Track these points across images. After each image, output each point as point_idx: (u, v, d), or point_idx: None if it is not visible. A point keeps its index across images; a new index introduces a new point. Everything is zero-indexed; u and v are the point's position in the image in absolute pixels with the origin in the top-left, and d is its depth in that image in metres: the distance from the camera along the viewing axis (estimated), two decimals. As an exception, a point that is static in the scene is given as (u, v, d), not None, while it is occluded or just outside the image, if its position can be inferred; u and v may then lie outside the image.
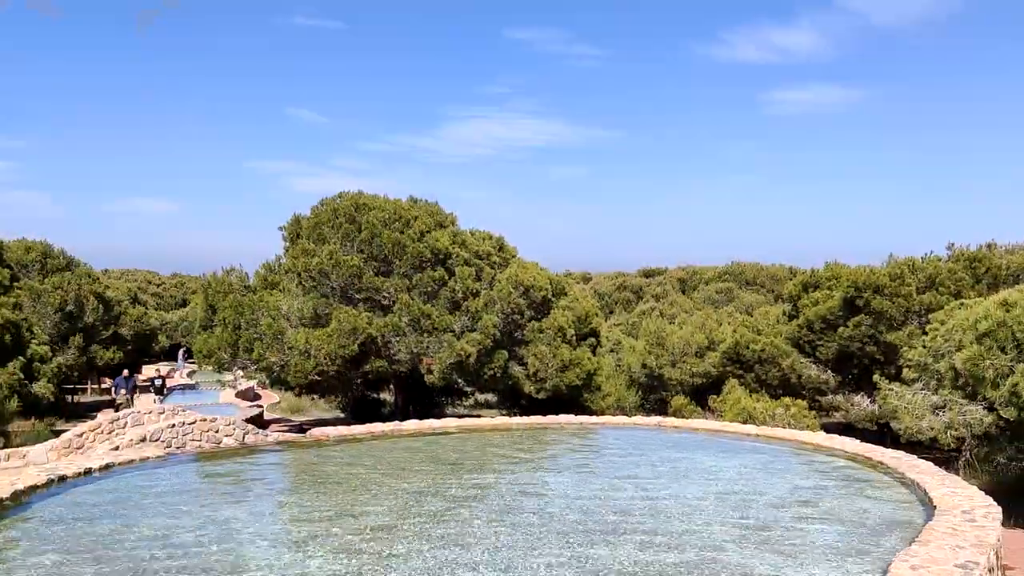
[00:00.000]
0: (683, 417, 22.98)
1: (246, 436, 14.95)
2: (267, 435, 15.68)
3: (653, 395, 32.87)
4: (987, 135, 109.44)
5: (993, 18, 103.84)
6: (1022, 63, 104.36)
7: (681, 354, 31.96)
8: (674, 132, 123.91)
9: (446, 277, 22.53)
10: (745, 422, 19.48)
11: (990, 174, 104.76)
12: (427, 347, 21.79)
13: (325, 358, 20.76)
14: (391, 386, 27.65)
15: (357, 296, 22.20)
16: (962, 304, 18.41)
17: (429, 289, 22.21)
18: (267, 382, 23.47)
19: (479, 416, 22.09)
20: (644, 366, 32.65)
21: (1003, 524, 10.09)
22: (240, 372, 24.64)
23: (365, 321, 21.14)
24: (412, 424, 17.01)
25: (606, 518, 9.98)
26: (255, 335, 21.49)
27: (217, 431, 14.65)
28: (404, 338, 21.72)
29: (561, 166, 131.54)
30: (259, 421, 24.06)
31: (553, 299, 24.53)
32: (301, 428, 22.52)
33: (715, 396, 26.56)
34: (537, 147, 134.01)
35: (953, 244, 25.28)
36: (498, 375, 22.73)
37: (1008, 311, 12.12)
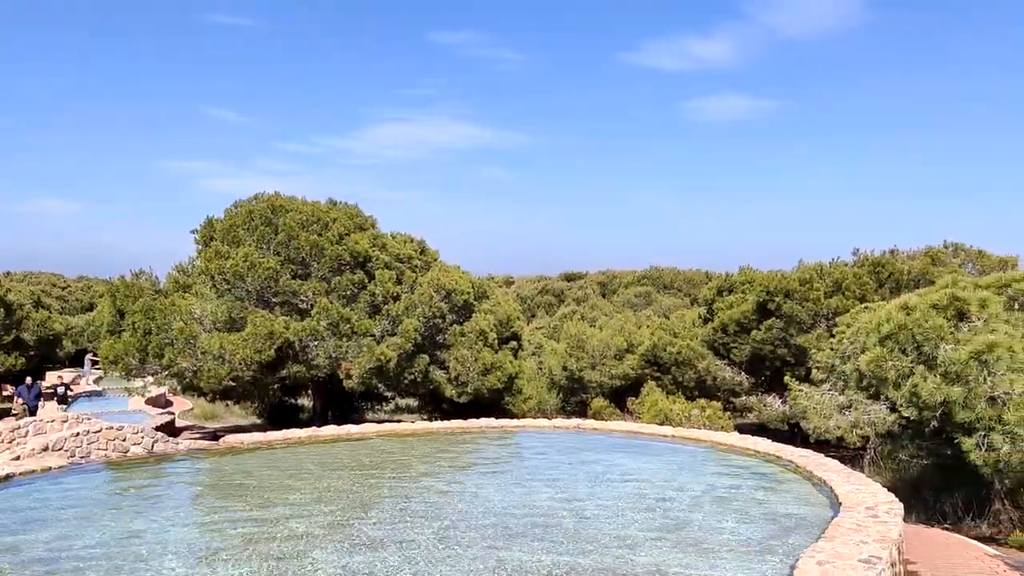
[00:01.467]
0: (602, 419, 23.24)
1: (155, 444, 14.46)
2: (178, 443, 15.20)
3: (574, 397, 33.19)
4: (890, 143, 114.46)
5: (894, 32, 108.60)
6: (921, 74, 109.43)
7: (601, 357, 32.38)
8: (595, 137, 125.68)
9: (366, 280, 22.26)
10: (662, 423, 19.83)
11: (893, 182, 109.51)
12: (346, 351, 21.48)
13: (240, 363, 20.25)
14: (309, 391, 27.16)
15: (274, 299, 21.74)
16: (866, 308, 19.16)
17: (348, 292, 21.91)
18: (178, 388, 22.72)
19: (400, 421, 21.88)
20: (565, 369, 32.96)
21: (904, 519, 10.52)
22: (150, 378, 23.78)
23: (282, 325, 20.71)
24: (330, 430, 16.74)
25: (524, 521, 10.00)
26: (166, 340, 20.80)
27: (124, 439, 14.12)
28: (323, 342, 21.36)
29: (485, 169, 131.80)
30: (170, 429, 23.28)
31: (475, 303, 24.51)
32: (215, 435, 21.89)
33: (633, 398, 26.98)
34: (461, 150, 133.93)
35: (858, 250, 26.32)
36: (419, 379, 22.57)
37: (908, 314, 12.65)
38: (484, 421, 18.21)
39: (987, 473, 12.47)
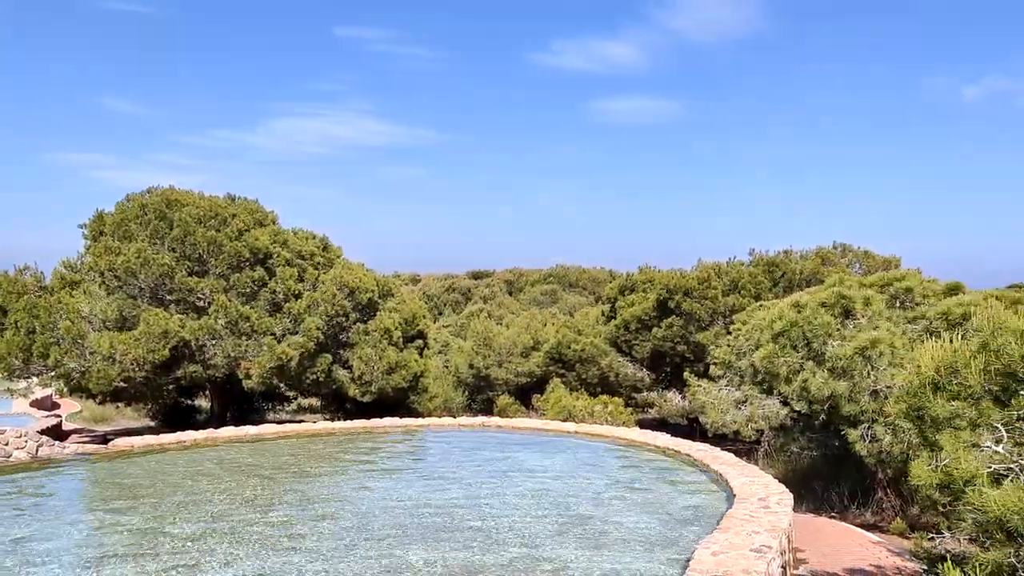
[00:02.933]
0: (508, 416, 23.35)
1: (40, 448, 13.73)
2: (65, 447, 14.47)
3: (480, 395, 33.24)
4: (787, 148, 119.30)
5: (796, 41, 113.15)
6: (822, 81, 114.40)
7: (507, 354, 32.53)
8: (504, 136, 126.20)
9: (266, 278, 21.71)
10: (566, 420, 20.06)
11: (788, 184, 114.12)
12: (246, 351, 20.90)
13: (132, 363, 19.43)
14: (207, 392, 26.32)
15: (169, 297, 20.95)
16: (761, 306, 19.87)
17: (248, 290, 21.31)
18: (65, 390, 21.63)
19: (302, 422, 21.43)
20: (471, 367, 32.97)
21: (795, 509, 10.95)
22: (35, 380, 22.57)
23: (177, 324, 19.98)
24: (227, 431, 16.26)
25: (427, 520, 9.94)
26: (51, 339, 19.77)
27: (7, 444, 13.37)
28: (220, 341, 20.72)
29: (392, 167, 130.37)
30: (56, 432, 22.18)
31: (380, 301, 24.22)
32: (104, 439, 20.95)
33: (539, 395, 27.21)
34: (368, 146, 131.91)
35: (754, 250, 27.27)
36: (322, 379, 22.16)
37: (799, 312, 13.17)
38: (388, 421, 18.03)
39: (871, 463, 13.11)
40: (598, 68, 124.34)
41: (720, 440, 18.94)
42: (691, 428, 24.21)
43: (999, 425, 6.09)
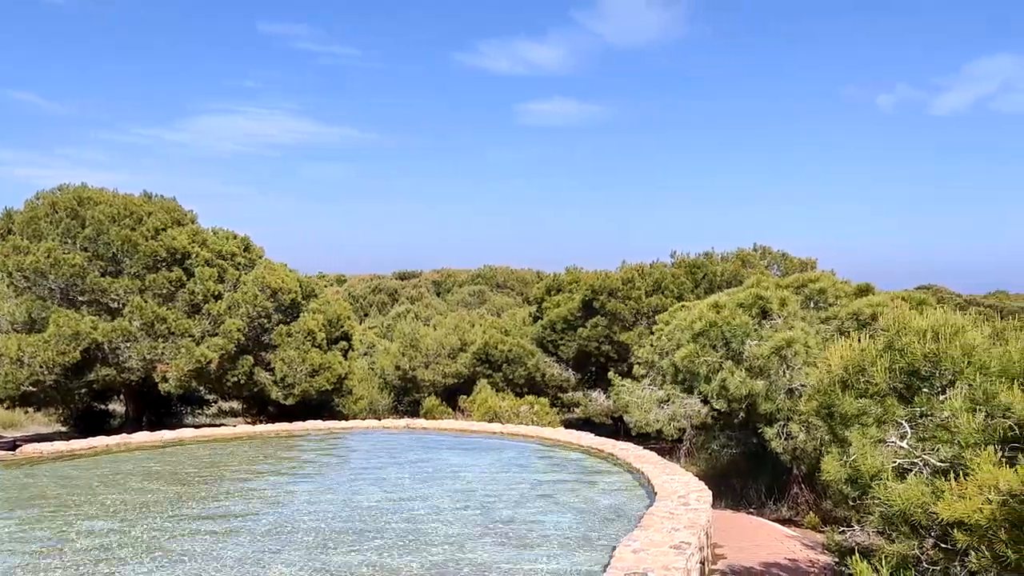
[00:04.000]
0: (434, 418, 23.23)
1: (-62, 458, 13.07)
2: (-35, 456, 13.81)
3: (407, 397, 32.95)
4: (709, 152, 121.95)
5: (719, 46, 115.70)
6: (737, 85, 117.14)
7: (435, 355, 32.33)
8: (431, 137, 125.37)
9: (184, 278, 21.11)
10: (492, 421, 20.08)
11: (710, 187, 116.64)
12: (162, 353, 20.28)
13: (41, 367, 18.65)
14: (121, 396, 25.45)
15: (81, 298, 20.19)
16: (683, 306, 20.23)
17: (165, 291, 20.69)
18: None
19: (222, 425, 20.92)
20: (398, 368, 32.65)
21: (714, 506, 11.19)
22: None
23: (89, 325, 19.27)
24: (142, 436, 15.76)
25: (350, 524, 9.82)
26: (-47, 342, 18.83)
27: (-101, 454, 12.68)
28: (136, 344, 20.06)
29: (317, 165, 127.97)
30: (-41, 440, 21.13)
31: (303, 302, 23.82)
32: (13, 444, 20.03)
33: (466, 396, 27.13)
34: (292, 145, 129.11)
35: (676, 252, 27.77)
36: (243, 381, 21.67)
37: (718, 312, 13.47)
38: (310, 423, 17.76)
39: (787, 460, 13.50)
40: (525, 70, 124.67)
41: (644, 439, 19.21)
42: (616, 427, 24.50)
43: (903, 421, 6.34)
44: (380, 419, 21.51)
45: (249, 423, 22.68)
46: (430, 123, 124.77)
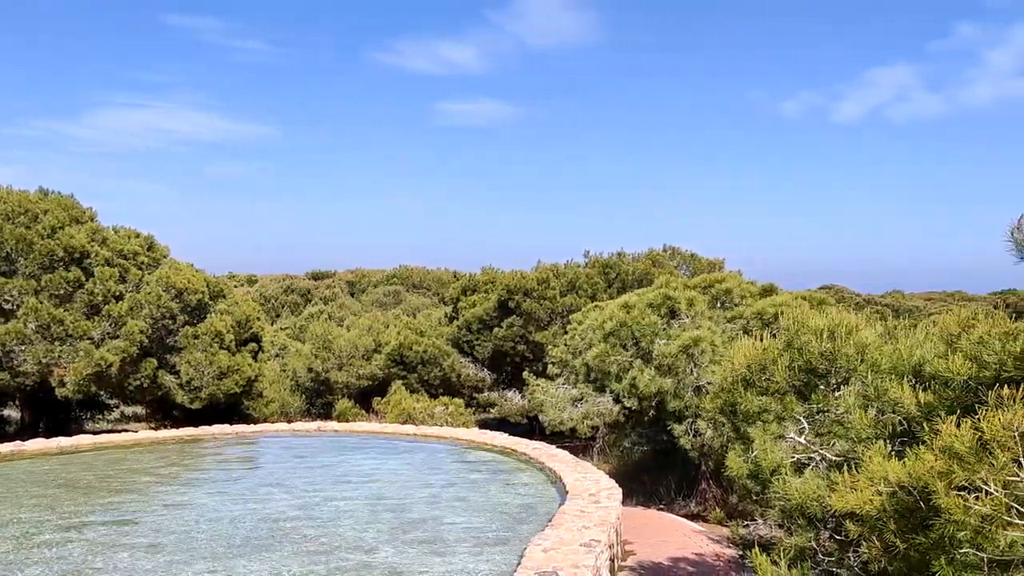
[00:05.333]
0: (347, 421, 22.90)
1: None
2: None
3: (320, 399, 32.39)
4: (622, 154, 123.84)
5: (631, 51, 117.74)
6: (654, 91, 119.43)
7: (348, 357, 31.88)
8: (345, 135, 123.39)
9: (83, 278, 20.21)
10: (405, 422, 19.91)
11: (624, 188, 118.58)
12: (59, 356, 19.38)
13: (-76, 373, 17.60)
14: (16, 402, 24.22)
15: (-31, 299, 19.12)
16: (596, 306, 20.48)
17: (62, 291, 19.77)
18: None
19: (124, 431, 20.12)
20: (310, 370, 32.07)
21: (625, 503, 11.35)
22: None
23: (-21, 328, 18.26)
24: (37, 443, 15.01)
25: (257, 530, 9.57)
26: None
27: None
28: (31, 347, 19.10)
29: (227, 163, 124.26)
30: None
31: (211, 302, 23.13)
32: None
33: (380, 398, 26.84)
34: (201, 141, 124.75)
35: (589, 252, 28.14)
36: (146, 385, 20.89)
37: (628, 312, 13.69)
38: (217, 428, 17.25)
39: (695, 457, 13.81)
40: (441, 69, 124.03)
41: (558, 437, 19.37)
42: (531, 427, 24.65)
43: (802, 417, 6.54)
44: (291, 422, 21.07)
45: (153, 428, 21.91)
46: (345, 121, 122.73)
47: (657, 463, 16.65)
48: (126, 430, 21.84)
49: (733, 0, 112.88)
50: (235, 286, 44.25)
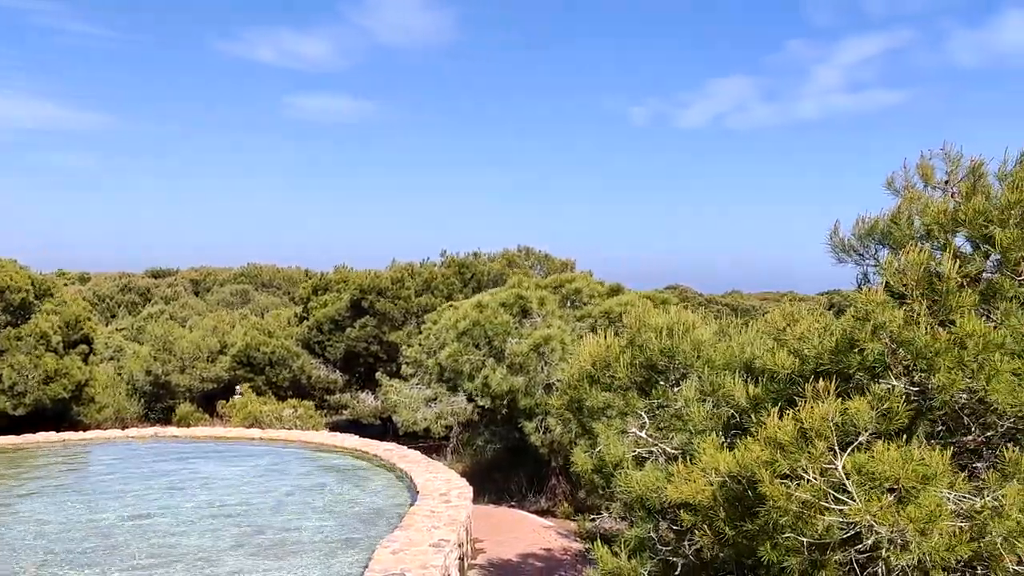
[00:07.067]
0: (189, 425, 21.84)
1: None
2: None
3: (160, 404, 30.74)
4: (475, 153, 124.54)
5: (485, 52, 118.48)
6: (507, 93, 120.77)
7: (191, 359, 30.42)
8: (188, 126, 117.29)
9: None
10: (251, 426, 19.21)
11: (479, 189, 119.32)
12: None
13: None
14: None
15: None
16: (451, 306, 20.49)
17: None
18: None
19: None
20: (149, 373, 30.38)
21: (477, 500, 11.40)
22: None
23: None
24: None
25: (85, 545, 8.95)
26: None
27: None
28: None
29: (58, 153, 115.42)
30: None
31: (36, 302, 21.49)
32: None
33: (225, 401, 25.77)
34: (28, 130, 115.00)
35: (445, 251, 28.12)
36: (-40, 391, 19.17)
37: (481, 312, 13.77)
38: (42, 435, 16.04)
39: (545, 453, 14.05)
40: (290, 63, 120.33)
41: (412, 438, 19.25)
42: (385, 428, 24.35)
43: (643, 412, 6.76)
44: (126, 428, 19.87)
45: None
46: (186, 112, 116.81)
47: (509, 461, 16.83)
48: (-64, 441, 19.93)
49: (585, 12, 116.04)
50: (65, 284, 41.43)
